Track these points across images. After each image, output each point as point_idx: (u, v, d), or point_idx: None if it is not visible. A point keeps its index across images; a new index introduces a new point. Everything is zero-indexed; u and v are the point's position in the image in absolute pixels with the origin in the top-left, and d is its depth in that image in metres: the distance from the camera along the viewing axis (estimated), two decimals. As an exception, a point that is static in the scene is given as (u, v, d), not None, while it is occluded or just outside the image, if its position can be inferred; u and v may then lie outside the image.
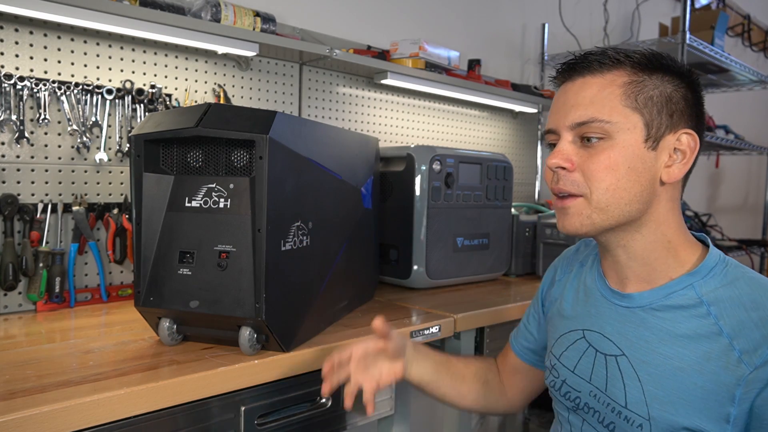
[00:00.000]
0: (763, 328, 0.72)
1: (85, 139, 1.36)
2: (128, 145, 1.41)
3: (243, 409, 0.98)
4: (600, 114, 0.79)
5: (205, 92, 1.58)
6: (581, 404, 0.89)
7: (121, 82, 1.43)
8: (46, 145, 1.33)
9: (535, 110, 2.46)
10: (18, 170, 1.29)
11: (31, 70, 1.30)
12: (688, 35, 2.23)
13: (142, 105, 1.45)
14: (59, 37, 1.34)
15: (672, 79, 0.81)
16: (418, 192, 1.58)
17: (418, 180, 1.58)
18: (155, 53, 1.48)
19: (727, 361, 0.73)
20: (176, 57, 1.52)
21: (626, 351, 0.83)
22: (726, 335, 0.74)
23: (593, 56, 0.81)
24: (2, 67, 1.26)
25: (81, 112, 1.36)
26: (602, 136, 0.79)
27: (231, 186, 0.99)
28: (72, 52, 1.36)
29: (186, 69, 1.54)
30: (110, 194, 1.42)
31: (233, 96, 1.63)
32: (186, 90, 1.54)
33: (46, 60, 1.32)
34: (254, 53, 1.53)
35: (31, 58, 1.30)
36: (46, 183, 1.33)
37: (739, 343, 0.73)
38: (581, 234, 0.83)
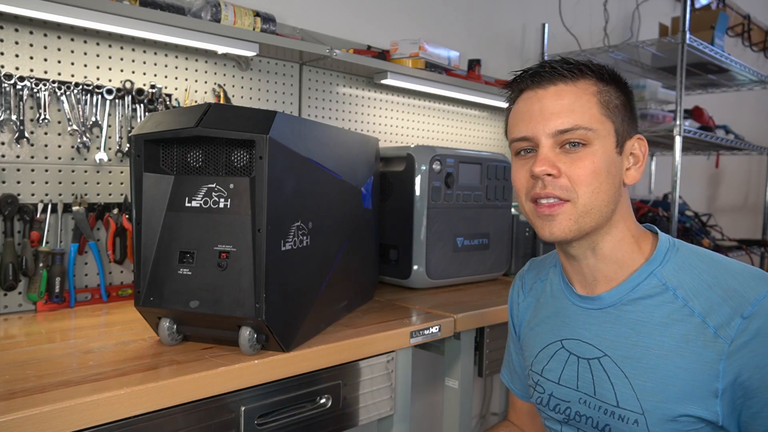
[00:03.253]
0: (731, 301, 0.76)
1: (85, 139, 1.36)
2: (128, 145, 1.41)
3: (243, 409, 0.98)
4: (582, 121, 0.81)
5: (205, 92, 1.58)
6: (572, 414, 0.89)
7: (121, 82, 1.43)
8: (46, 145, 1.33)
9: (535, 110, 2.46)
10: (18, 170, 1.29)
11: (31, 70, 1.30)
12: (688, 35, 2.23)
13: (142, 105, 1.45)
14: (59, 37, 1.34)
15: (619, 89, 0.86)
16: (418, 192, 1.58)
17: (418, 180, 1.58)
18: (155, 53, 1.48)
19: (704, 339, 0.76)
20: (176, 57, 1.52)
21: (607, 351, 0.84)
22: (698, 314, 0.77)
23: (558, 65, 0.84)
24: (2, 67, 1.26)
25: (81, 112, 1.36)
26: (584, 143, 0.81)
27: (231, 186, 0.99)
28: (72, 52, 1.36)
29: (186, 69, 1.54)
30: (110, 194, 1.42)
31: (233, 96, 1.64)
32: (186, 90, 1.54)
33: (46, 60, 1.32)
34: (254, 53, 1.53)
35: (31, 58, 1.30)
36: (46, 183, 1.33)
37: (711, 319, 0.76)
38: (568, 239, 0.84)
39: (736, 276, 0.79)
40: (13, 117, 1.27)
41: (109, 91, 1.39)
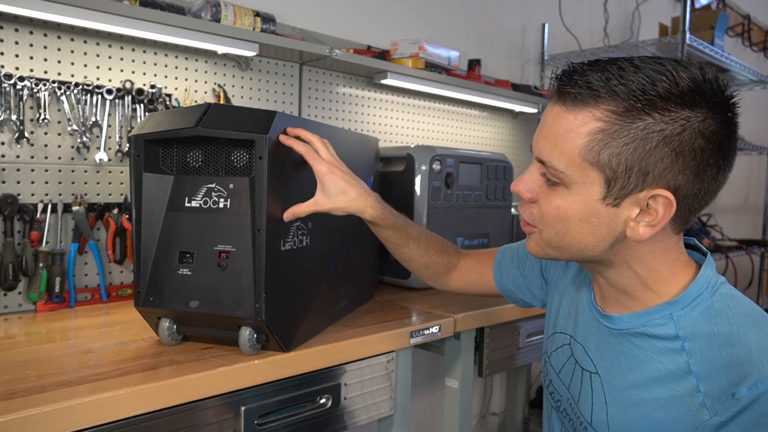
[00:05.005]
0: (732, 374, 0.68)
1: (85, 139, 1.36)
2: (128, 145, 1.41)
3: (243, 409, 0.98)
4: (557, 161, 0.72)
5: (205, 92, 1.58)
6: (561, 407, 0.91)
7: (121, 82, 1.42)
8: (46, 145, 1.33)
9: (535, 110, 2.46)
10: (18, 170, 1.29)
11: (31, 70, 1.30)
12: (688, 35, 2.24)
13: (142, 105, 1.45)
14: (59, 37, 1.33)
15: (667, 125, 0.66)
16: (418, 192, 1.58)
17: (418, 180, 1.58)
18: (155, 53, 1.48)
19: (690, 402, 0.71)
20: (176, 57, 1.52)
21: (600, 371, 0.82)
22: (695, 375, 0.71)
23: (574, 84, 0.70)
24: (2, 67, 1.26)
25: (81, 112, 1.36)
26: (558, 182, 0.73)
27: (231, 186, 0.99)
28: (72, 52, 1.35)
29: (186, 69, 1.54)
30: (110, 194, 1.42)
31: (233, 96, 1.63)
32: (186, 90, 1.54)
33: (46, 60, 1.32)
34: (254, 53, 1.53)
35: (31, 58, 1.30)
36: (46, 183, 1.33)
37: (705, 386, 0.70)
38: (540, 258, 0.82)
39: (754, 347, 0.68)
40: (13, 117, 1.27)
41: (109, 91, 1.39)
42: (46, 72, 1.32)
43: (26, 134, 1.29)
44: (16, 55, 1.28)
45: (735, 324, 0.71)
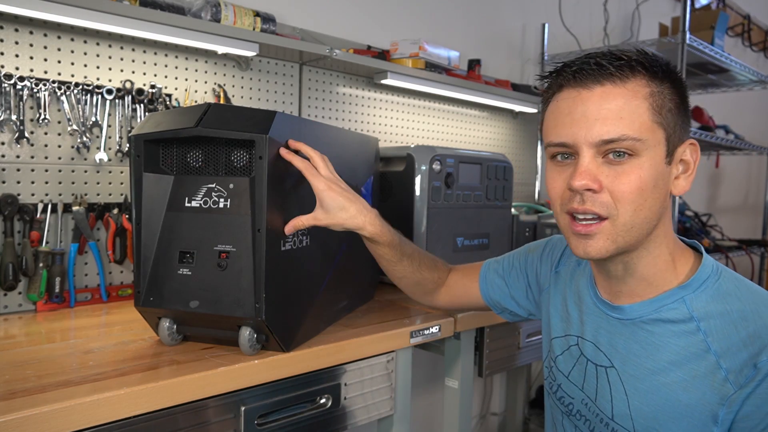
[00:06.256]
0: (751, 347, 0.71)
1: (85, 139, 1.36)
2: (128, 145, 1.41)
3: (243, 409, 0.98)
4: (631, 130, 0.73)
5: (205, 92, 1.58)
6: (574, 410, 0.90)
7: (121, 82, 1.42)
8: (46, 145, 1.33)
9: (535, 110, 2.46)
10: (18, 170, 1.29)
11: (31, 70, 1.30)
12: (688, 35, 2.23)
13: (142, 105, 1.45)
14: (59, 37, 1.33)
15: (674, 87, 0.77)
16: (418, 192, 1.58)
17: (418, 180, 1.58)
18: (155, 53, 1.48)
19: (713, 380, 0.72)
20: (176, 57, 1.52)
21: (615, 363, 0.82)
22: (714, 353, 0.73)
23: (607, 61, 0.75)
24: (2, 67, 1.26)
25: (81, 112, 1.36)
26: (631, 153, 0.74)
27: (231, 186, 0.99)
28: (72, 52, 1.35)
29: (186, 69, 1.54)
30: (110, 194, 1.42)
31: (233, 96, 1.63)
32: (186, 90, 1.54)
33: (46, 60, 1.32)
34: (254, 53, 1.53)
35: (31, 58, 1.30)
36: (46, 183, 1.33)
37: (726, 362, 0.72)
38: (604, 258, 0.78)
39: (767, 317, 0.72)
40: (13, 117, 1.27)
41: (109, 91, 1.39)
42: (46, 72, 1.32)
43: (26, 134, 1.28)
44: (16, 55, 1.28)
45: (746, 302, 0.75)
